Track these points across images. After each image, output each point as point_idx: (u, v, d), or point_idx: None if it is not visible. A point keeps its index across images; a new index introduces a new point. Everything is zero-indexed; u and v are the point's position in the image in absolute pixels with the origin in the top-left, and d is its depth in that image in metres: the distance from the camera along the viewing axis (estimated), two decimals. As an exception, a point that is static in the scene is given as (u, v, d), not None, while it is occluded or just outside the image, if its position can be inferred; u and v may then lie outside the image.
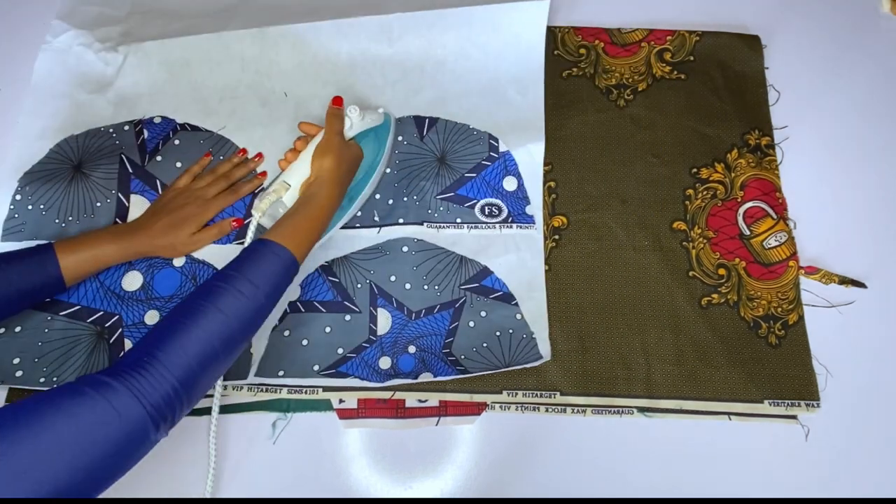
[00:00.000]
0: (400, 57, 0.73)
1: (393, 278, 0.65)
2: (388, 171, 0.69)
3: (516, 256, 0.66)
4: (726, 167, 0.70)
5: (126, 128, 0.70)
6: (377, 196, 0.68)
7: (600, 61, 0.76)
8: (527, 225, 0.67)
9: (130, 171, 0.68)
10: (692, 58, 0.76)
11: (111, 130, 0.70)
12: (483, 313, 0.64)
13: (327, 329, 0.63)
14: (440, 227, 0.67)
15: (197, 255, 0.65)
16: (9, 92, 0.74)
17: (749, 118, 0.72)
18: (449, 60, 0.74)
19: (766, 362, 0.62)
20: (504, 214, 0.67)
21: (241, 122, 0.71)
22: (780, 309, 0.64)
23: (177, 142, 0.70)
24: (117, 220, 0.66)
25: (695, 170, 0.70)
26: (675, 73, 0.75)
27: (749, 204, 0.68)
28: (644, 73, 0.75)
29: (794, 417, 0.61)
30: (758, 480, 0.59)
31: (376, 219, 0.67)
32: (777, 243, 0.66)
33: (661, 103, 0.73)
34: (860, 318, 0.65)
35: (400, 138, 0.71)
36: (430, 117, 0.72)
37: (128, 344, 0.62)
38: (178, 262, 0.65)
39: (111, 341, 0.62)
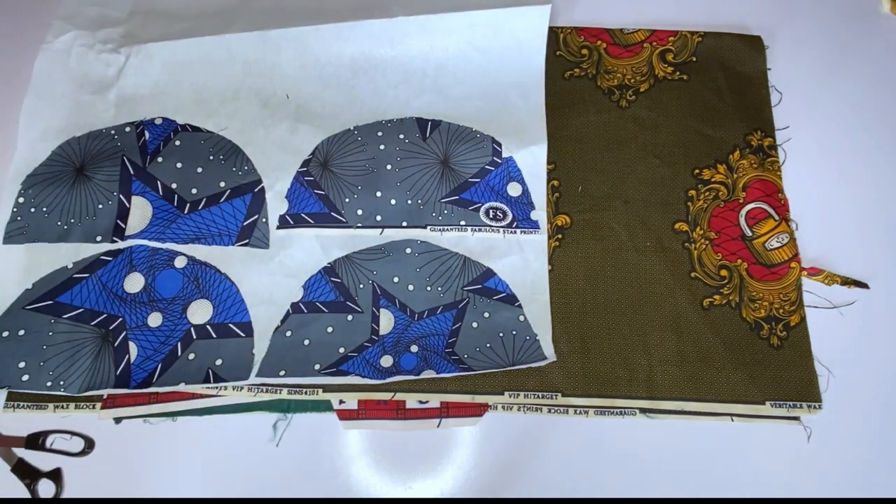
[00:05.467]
0: (402, 59, 0.73)
1: (396, 279, 0.65)
2: (390, 167, 0.69)
3: (520, 258, 0.66)
4: (728, 168, 0.70)
5: (127, 129, 0.70)
6: (378, 194, 0.68)
7: (602, 62, 0.76)
8: (531, 230, 0.67)
9: (132, 172, 0.68)
10: (694, 59, 0.76)
11: (112, 132, 0.70)
12: (486, 314, 0.64)
13: (329, 329, 0.63)
14: (444, 229, 0.67)
15: (199, 256, 0.65)
16: (6, 92, 0.73)
17: (751, 119, 0.72)
18: (450, 63, 0.74)
19: (768, 364, 0.62)
20: (509, 219, 0.67)
21: (242, 124, 0.71)
22: (781, 310, 0.64)
23: (177, 143, 0.70)
24: (118, 221, 0.66)
25: (697, 171, 0.70)
26: (677, 73, 0.75)
27: (751, 205, 0.68)
28: (646, 73, 0.75)
29: (796, 419, 0.61)
30: (760, 481, 0.59)
31: (378, 218, 0.67)
32: (779, 244, 0.66)
33: (663, 104, 0.73)
34: (862, 318, 0.65)
35: (402, 136, 0.70)
36: (432, 120, 0.72)
37: (132, 347, 0.61)
38: (180, 262, 0.65)
39: (116, 344, 0.62)
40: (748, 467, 0.60)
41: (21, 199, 0.66)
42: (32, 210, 0.66)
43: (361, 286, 0.65)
